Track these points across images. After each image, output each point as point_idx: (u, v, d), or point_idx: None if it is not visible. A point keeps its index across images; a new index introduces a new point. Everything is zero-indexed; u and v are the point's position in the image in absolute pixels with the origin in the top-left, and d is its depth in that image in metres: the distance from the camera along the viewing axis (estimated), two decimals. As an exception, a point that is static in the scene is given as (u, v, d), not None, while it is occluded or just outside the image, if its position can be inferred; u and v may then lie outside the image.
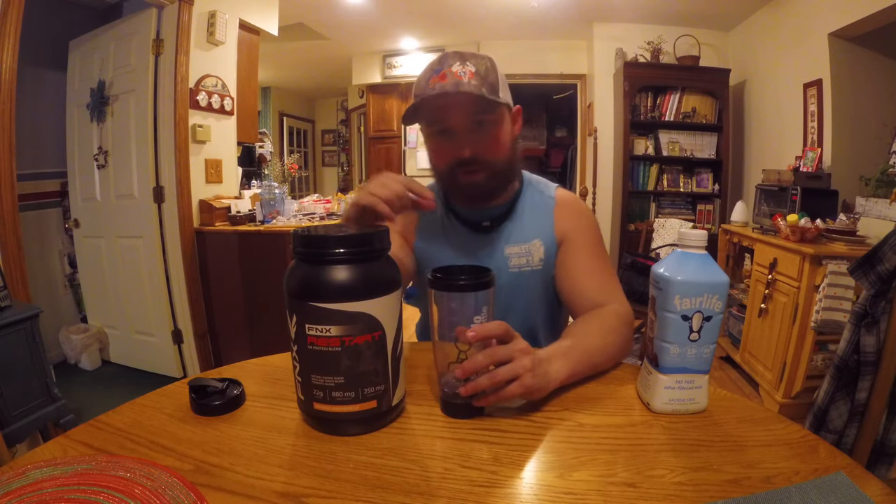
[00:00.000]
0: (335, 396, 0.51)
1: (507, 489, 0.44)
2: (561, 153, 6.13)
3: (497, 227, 0.90)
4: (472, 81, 0.75)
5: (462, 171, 0.81)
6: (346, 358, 0.50)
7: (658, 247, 3.02)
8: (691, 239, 0.56)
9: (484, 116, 0.79)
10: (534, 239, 0.89)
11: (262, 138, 3.60)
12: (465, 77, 0.75)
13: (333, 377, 0.51)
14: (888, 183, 2.22)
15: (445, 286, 0.55)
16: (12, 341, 1.57)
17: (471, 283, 0.55)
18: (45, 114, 2.74)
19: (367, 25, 4.25)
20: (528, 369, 0.55)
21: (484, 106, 0.77)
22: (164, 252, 2.52)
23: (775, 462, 0.48)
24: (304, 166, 7.27)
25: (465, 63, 0.76)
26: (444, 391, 0.58)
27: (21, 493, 0.40)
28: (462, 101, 0.76)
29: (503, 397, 0.55)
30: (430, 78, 0.77)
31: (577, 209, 0.92)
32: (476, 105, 0.77)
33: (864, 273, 1.18)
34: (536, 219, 0.90)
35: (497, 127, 0.81)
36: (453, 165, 0.81)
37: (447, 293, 0.56)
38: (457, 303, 0.56)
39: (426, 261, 0.93)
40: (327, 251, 0.51)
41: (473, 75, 0.76)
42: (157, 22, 2.39)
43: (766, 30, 3.26)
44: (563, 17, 3.88)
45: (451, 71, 0.76)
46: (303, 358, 0.52)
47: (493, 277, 0.56)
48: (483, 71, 0.77)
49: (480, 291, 0.55)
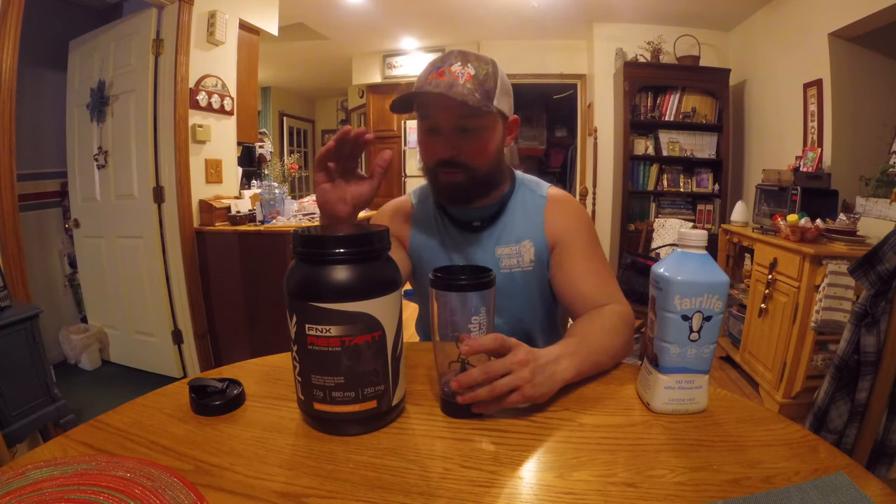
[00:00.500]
0: (335, 396, 0.51)
1: (507, 489, 0.44)
2: (561, 153, 6.13)
3: (488, 228, 0.90)
4: (467, 84, 0.75)
5: (442, 171, 0.82)
6: (345, 358, 0.50)
7: (658, 247, 3.02)
8: (691, 239, 0.56)
9: (470, 122, 0.79)
10: (524, 240, 0.89)
11: (262, 138, 3.60)
12: (462, 79, 0.75)
13: (333, 377, 0.51)
14: (888, 183, 2.23)
15: (445, 286, 0.55)
16: (12, 341, 1.57)
17: (471, 282, 0.55)
18: (45, 114, 2.74)
19: (367, 25, 4.25)
20: (528, 380, 0.54)
21: (472, 111, 0.77)
22: (164, 252, 2.51)
23: (775, 462, 0.48)
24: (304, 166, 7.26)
25: (466, 64, 0.76)
26: (445, 391, 0.58)
27: (21, 493, 0.40)
28: (451, 104, 0.76)
29: (504, 406, 0.55)
30: (430, 73, 0.77)
31: (570, 208, 0.91)
32: (463, 109, 0.77)
33: (864, 273, 1.18)
34: (526, 220, 0.90)
35: (483, 133, 0.80)
36: (436, 164, 0.82)
37: (447, 293, 0.56)
38: (457, 302, 0.56)
39: (421, 260, 0.94)
40: (327, 251, 0.50)
41: (471, 78, 0.76)
42: (157, 22, 2.39)
43: (766, 30, 3.26)
44: (563, 17, 3.88)
45: (450, 70, 0.76)
46: (303, 358, 0.52)
47: (493, 278, 0.56)
48: (482, 76, 0.77)
49: (480, 291, 0.55)
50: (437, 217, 0.94)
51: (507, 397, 0.54)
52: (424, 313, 1.02)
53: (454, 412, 0.57)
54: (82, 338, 2.68)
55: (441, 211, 0.93)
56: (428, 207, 0.95)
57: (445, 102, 0.76)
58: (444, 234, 0.93)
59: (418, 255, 0.94)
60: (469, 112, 0.77)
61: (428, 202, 0.96)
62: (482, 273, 0.56)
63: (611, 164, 3.99)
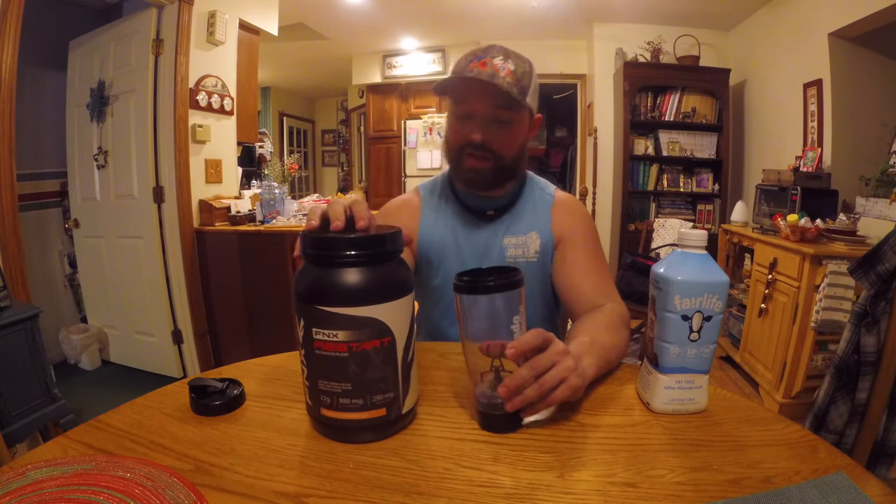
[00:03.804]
0: (343, 403, 0.50)
1: (507, 489, 0.44)
2: (561, 153, 6.13)
3: (499, 217, 0.93)
4: (507, 78, 0.78)
5: (468, 154, 0.85)
6: (353, 364, 0.49)
7: (658, 247, 3.02)
8: (691, 239, 0.56)
9: (504, 114, 0.82)
10: (530, 231, 0.92)
11: (262, 138, 3.60)
12: (503, 73, 0.79)
13: (340, 383, 0.49)
14: (888, 183, 2.23)
15: (474, 289, 0.51)
16: (12, 341, 1.57)
17: (503, 282, 0.51)
18: (45, 114, 2.74)
19: (367, 25, 4.25)
20: (573, 370, 0.53)
21: (509, 103, 0.80)
22: (163, 252, 2.52)
23: (775, 462, 0.48)
24: (304, 166, 7.27)
25: (507, 59, 0.80)
26: (482, 403, 0.53)
27: (21, 493, 0.40)
28: (490, 92, 0.79)
29: (550, 404, 0.52)
30: (472, 62, 0.80)
31: (576, 209, 0.96)
32: (502, 99, 0.80)
33: (864, 273, 1.18)
34: (535, 214, 0.94)
35: (514, 126, 0.85)
36: (463, 146, 0.85)
37: (478, 297, 0.51)
38: (491, 307, 0.52)
39: (428, 253, 0.94)
40: (336, 253, 0.49)
41: (510, 73, 0.79)
42: (157, 22, 2.39)
43: (766, 30, 3.27)
44: (563, 17, 3.88)
45: (492, 62, 0.79)
46: (310, 362, 0.51)
47: (523, 276, 0.53)
48: (520, 73, 0.80)
49: (513, 291, 0.51)
50: (449, 204, 0.96)
51: (554, 393, 0.51)
52: (427, 309, 1.01)
53: (495, 426, 0.52)
54: (82, 338, 2.68)
55: (454, 198, 0.96)
56: (438, 196, 0.98)
57: (487, 90, 0.79)
58: (455, 220, 0.95)
59: (426, 247, 0.95)
60: (506, 103, 0.81)
61: (438, 191, 0.98)
62: (510, 272, 0.52)
63: (611, 164, 3.99)
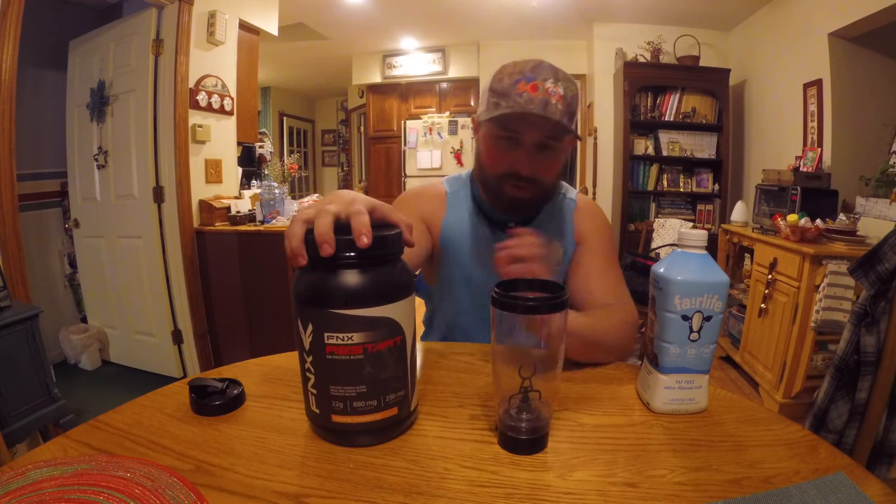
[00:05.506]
0: (357, 406, 0.49)
1: (507, 489, 0.44)
2: (561, 153, 6.12)
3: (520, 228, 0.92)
4: (558, 105, 0.75)
5: (511, 184, 0.82)
6: (368, 365, 0.48)
7: (658, 247, 3.02)
8: (691, 239, 0.56)
9: (554, 142, 0.80)
10: (551, 242, 0.90)
11: (262, 138, 3.60)
12: (554, 98, 0.75)
13: (356, 386, 0.49)
14: (888, 183, 2.23)
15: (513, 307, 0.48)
16: (12, 341, 1.57)
17: (545, 303, 0.48)
18: (45, 114, 2.74)
19: (367, 25, 4.25)
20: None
21: (560, 133, 0.78)
22: (163, 252, 2.51)
23: (775, 462, 0.48)
24: (304, 166, 7.27)
25: (557, 83, 0.76)
26: (506, 424, 0.51)
27: (21, 493, 0.40)
28: (543, 124, 0.76)
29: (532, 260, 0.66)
30: (520, 82, 0.76)
31: (596, 213, 0.96)
32: (553, 131, 0.77)
33: (864, 273, 1.18)
34: (559, 222, 0.93)
35: (559, 152, 0.83)
36: (505, 175, 0.82)
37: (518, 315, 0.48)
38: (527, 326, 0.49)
39: (448, 249, 0.93)
40: (347, 255, 0.48)
41: (561, 99, 0.75)
42: (157, 22, 2.39)
43: (766, 30, 3.27)
44: (563, 17, 3.88)
45: (543, 85, 0.75)
46: (320, 369, 0.49)
47: (567, 297, 0.49)
48: (570, 98, 0.77)
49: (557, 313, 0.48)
50: (472, 210, 0.94)
51: None
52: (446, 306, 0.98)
53: (516, 448, 0.51)
54: (82, 338, 2.68)
55: (476, 206, 0.94)
56: (462, 198, 0.95)
57: (540, 122, 0.75)
58: (476, 229, 0.93)
59: (448, 241, 0.92)
60: (558, 133, 0.78)
61: (462, 194, 0.95)
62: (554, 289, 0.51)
63: (611, 164, 3.99)
